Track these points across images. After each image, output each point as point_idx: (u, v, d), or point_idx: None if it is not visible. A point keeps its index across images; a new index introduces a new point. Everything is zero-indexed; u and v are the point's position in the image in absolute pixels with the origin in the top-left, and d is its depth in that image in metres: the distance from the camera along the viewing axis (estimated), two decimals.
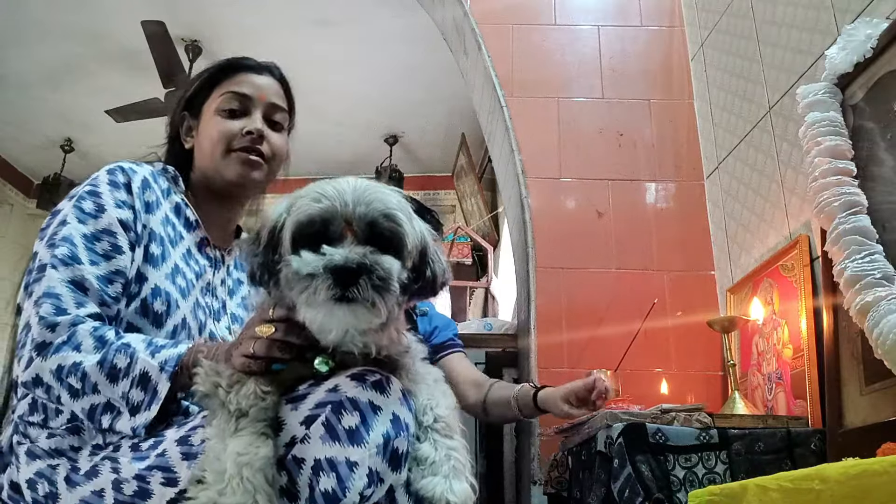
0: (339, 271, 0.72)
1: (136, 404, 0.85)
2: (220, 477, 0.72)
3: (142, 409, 0.85)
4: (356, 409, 0.77)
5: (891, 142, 1.33)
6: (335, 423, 0.76)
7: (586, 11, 2.47)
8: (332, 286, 0.72)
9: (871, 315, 1.19)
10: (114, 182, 1.01)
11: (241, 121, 1.13)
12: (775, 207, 1.80)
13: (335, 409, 0.77)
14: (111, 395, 0.86)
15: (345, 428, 0.76)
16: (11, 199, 5.60)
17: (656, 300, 2.00)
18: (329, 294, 0.73)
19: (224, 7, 3.79)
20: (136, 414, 0.85)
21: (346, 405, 0.77)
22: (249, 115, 1.14)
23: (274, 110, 1.16)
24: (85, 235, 0.95)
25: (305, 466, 0.75)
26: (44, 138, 5.11)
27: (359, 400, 0.78)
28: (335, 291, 0.73)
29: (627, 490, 1.30)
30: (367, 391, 0.79)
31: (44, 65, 4.28)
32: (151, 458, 0.83)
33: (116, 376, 0.86)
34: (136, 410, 0.85)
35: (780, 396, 1.64)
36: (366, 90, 4.45)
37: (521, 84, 2.36)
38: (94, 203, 0.98)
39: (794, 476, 0.88)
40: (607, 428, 1.43)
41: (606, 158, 2.28)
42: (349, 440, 0.76)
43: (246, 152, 1.12)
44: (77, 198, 0.99)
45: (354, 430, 0.76)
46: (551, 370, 2.02)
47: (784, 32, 1.80)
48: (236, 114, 1.14)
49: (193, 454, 0.81)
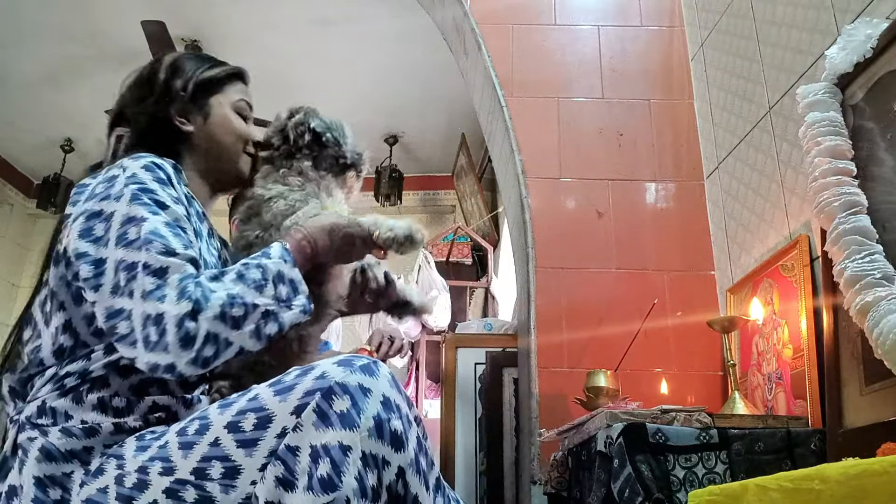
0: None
1: (287, 296, 0.93)
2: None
3: (294, 297, 0.94)
4: (346, 393, 0.78)
5: (891, 142, 1.33)
6: (326, 409, 0.77)
7: (586, 11, 2.47)
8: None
9: (871, 315, 1.19)
10: (159, 179, 0.98)
11: (246, 126, 1.19)
12: (775, 207, 1.80)
13: (325, 394, 0.78)
14: (264, 302, 0.90)
15: (336, 412, 0.77)
16: (11, 199, 5.60)
17: (656, 300, 2.00)
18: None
19: (224, 7, 3.79)
20: (292, 302, 0.93)
21: (335, 390, 0.78)
22: (247, 123, 1.20)
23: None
24: (168, 223, 0.93)
25: (302, 454, 0.76)
26: (44, 138, 5.11)
27: (348, 384, 0.79)
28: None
29: (627, 490, 1.30)
30: (355, 374, 0.80)
31: (44, 65, 4.28)
32: (154, 449, 0.84)
33: (262, 287, 0.91)
34: (289, 301, 0.93)
35: (780, 396, 1.64)
36: (365, 90, 4.45)
37: (521, 84, 2.36)
38: (153, 199, 0.95)
39: (794, 476, 0.88)
40: (607, 428, 1.43)
41: (606, 158, 2.28)
42: (342, 424, 0.76)
43: (250, 156, 1.19)
44: (131, 197, 0.93)
45: (346, 413, 0.77)
46: (551, 370, 2.03)
47: (784, 32, 1.80)
48: (242, 119, 1.19)
49: (189, 444, 0.81)
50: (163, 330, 0.84)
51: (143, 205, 0.93)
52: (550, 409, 1.97)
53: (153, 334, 0.85)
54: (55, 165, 5.20)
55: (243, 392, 0.85)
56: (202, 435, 0.82)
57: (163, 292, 0.86)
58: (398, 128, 4.99)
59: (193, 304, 0.86)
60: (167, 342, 0.84)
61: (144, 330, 0.85)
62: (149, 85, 1.15)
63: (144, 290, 0.87)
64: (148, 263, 0.88)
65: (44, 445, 0.88)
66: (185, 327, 0.85)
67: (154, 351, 0.85)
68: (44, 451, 0.88)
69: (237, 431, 0.80)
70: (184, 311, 0.85)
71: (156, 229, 0.90)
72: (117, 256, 0.90)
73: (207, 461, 0.80)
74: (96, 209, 0.94)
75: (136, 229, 0.90)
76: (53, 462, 0.87)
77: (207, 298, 0.87)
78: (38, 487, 0.86)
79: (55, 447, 0.88)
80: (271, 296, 0.92)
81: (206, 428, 0.82)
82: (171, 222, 0.93)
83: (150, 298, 0.86)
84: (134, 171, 0.97)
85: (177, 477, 0.80)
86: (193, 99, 1.15)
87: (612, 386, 1.80)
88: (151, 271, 0.87)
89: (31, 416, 0.92)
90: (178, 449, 0.82)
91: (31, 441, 0.90)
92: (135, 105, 1.14)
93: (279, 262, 0.95)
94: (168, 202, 0.95)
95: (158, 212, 0.93)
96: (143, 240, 0.89)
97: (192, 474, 0.80)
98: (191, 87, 1.15)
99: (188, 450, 0.81)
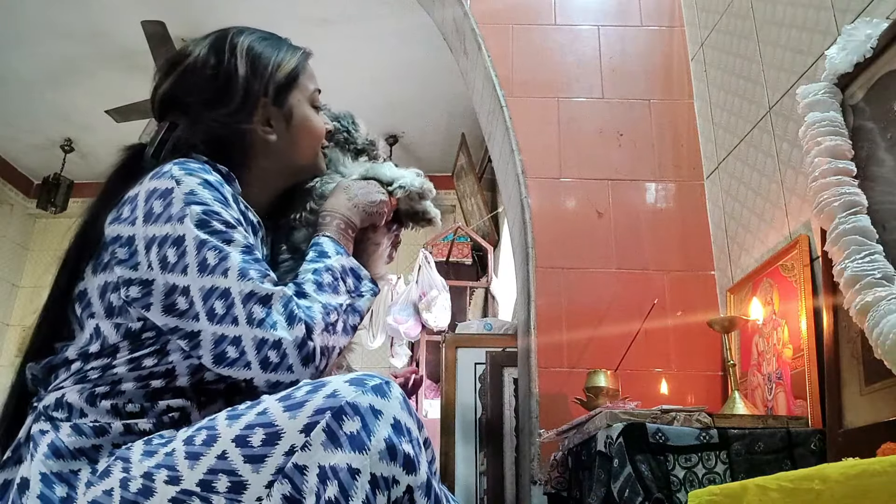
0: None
1: (355, 287, 1.00)
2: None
3: (361, 284, 1.01)
4: (357, 414, 0.77)
5: (891, 142, 1.33)
6: (336, 429, 0.76)
7: (586, 11, 2.47)
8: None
9: (871, 315, 1.19)
10: (219, 199, 0.94)
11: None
12: (775, 207, 1.80)
13: (336, 414, 0.77)
14: (344, 300, 0.97)
15: (346, 433, 0.76)
16: (11, 199, 5.60)
17: (656, 300, 2.00)
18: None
19: (224, 7, 3.79)
20: (360, 290, 1.01)
21: (346, 410, 0.77)
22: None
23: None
24: (244, 249, 0.92)
25: (310, 473, 0.75)
26: (44, 138, 5.11)
27: (359, 405, 0.78)
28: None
29: (627, 490, 1.30)
30: (367, 395, 0.79)
31: (44, 65, 4.29)
32: (160, 455, 0.83)
33: (337, 287, 0.97)
34: (357, 290, 1.00)
35: (780, 396, 1.64)
36: (365, 90, 4.45)
37: (521, 84, 2.36)
38: (221, 221, 0.92)
39: (794, 476, 0.88)
40: (607, 428, 1.43)
41: (606, 158, 2.28)
42: (351, 446, 0.75)
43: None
44: (198, 221, 0.91)
45: (356, 436, 0.76)
46: (551, 370, 2.03)
47: (784, 32, 1.80)
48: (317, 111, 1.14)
49: (196, 454, 0.81)
50: (283, 354, 0.88)
51: (213, 233, 0.91)
52: (550, 409, 1.97)
53: (273, 357, 0.88)
54: (55, 165, 5.21)
55: (252, 404, 0.83)
56: (209, 446, 0.81)
57: (272, 319, 0.89)
58: (398, 128, 4.99)
59: (305, 326, 0.90)
60: (290, 363, 0.88)
61: (260, 353, 0.88)
62: (226, 85, 1.03)
63: (252, 318, 0.88)
64: (252, 292, 0.89)
65: (52, 441, 0.88)
66: (305, 348, 0.89)
67: (277, 371, 0.88)
68: (52, 448, 0.88)
69: (245, 446, 0.79)
70: (300, 335, 0.89)
71: (242, 258, 0.91)
72: (205, 284, 0.89)
73: (214, 474, 0.79)
74: (159, 234, 0.91)
75: (216, 254, 0.90)
76: (61, 459, 0.87)
77: (312, 318, 0.91)
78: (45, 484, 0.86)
79: (64, 444, 0.88)
80: (346, 291, 0.98)
81: (213, 439, 0.81)
82: (246, 246, 0.93)
83: (263, 326, 0.88)
84: (192, 188, 0.92)
85: (183, 487, 0.79)
86: (276, 101, 1.07)
87: (612, 386, 1.80)
88: (258, 300, 0.89)
89: (48, 405, 0.92)
90: (184, 458, 0.81)
91: (42, 434, 0.89)
92: (204, 107, 1.03)
93: (339, 257, 1.01)
94: (234, 223, 0.94)
95: (233, 237, 0.92)
96: (234, 269, 0.90)
97: (198, 486, 0.79)
98: (272, 89, 1.06)
99: (195, 460, 0.80)
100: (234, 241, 0.92)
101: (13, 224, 5.61)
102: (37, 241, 5.75)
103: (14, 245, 5.60)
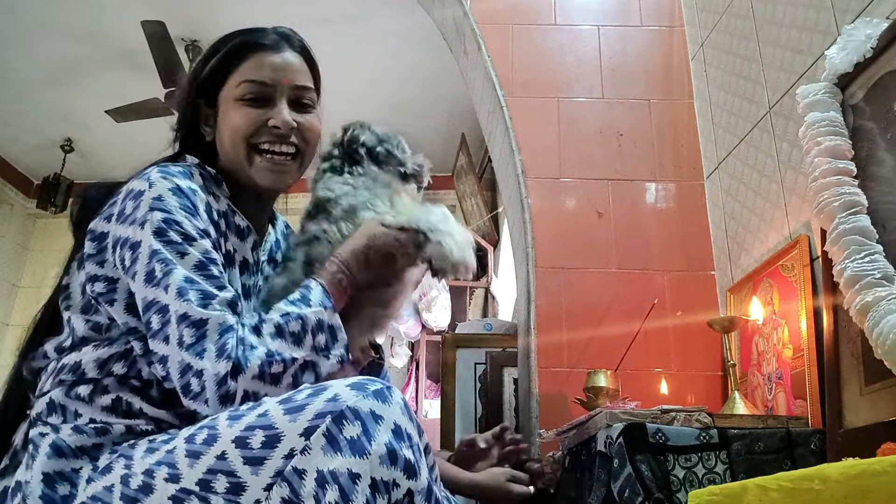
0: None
1: (325, 345, 0.92)
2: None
3: (333, 346, 0.93)
4: (357, 419, 0.77)
5: (891, 142, 1.33)
6: (336, 434, 0.76)
7: (586, 11, 2.47)
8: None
9: (871, 315, 1.19)
10: (186, 207, 0.93)
11: (264, 110, 1.04)
12: (775, 207, 1.80)
13: (336, 419, 0.76)
14: (302, 355, 0.90)
15: (346, 438, 0.76)
16: (11, 199, 5.60)
17: (656, 300, 2.00)
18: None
19: (224, 7, 3.79)
20: (330, 352, 0.93)
21: (347, 415, 0.77)
22: (273, 103, 1.04)
23: (300, 92, 1.07)
24: (196, 265, 0.90)
25: (308, 478, 0.74)
26: (44, 138, 5.11)
27: (360, 409, 0.77)
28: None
29: (627, 490, 1.30)
30: (368, 400, 0.78)
31: (44, 65, 4.28)
32: (161, 453, 0.83)
33: (300, 340, 0.90)
34: (327, 350, 0.92)
35: (780, 396, 1.64)
36: (366, 90, 4.45)
37: (521, 84, 2.36)
38: (180, 232, 0.91)
39: (794, 476, 0.88)
40: (607, 428, 1.43)
41: (606, 158, 2.28)
42: (351, 451, 0.75)
43: (273, 154, 1.04)
44: (156, 230, 0.90)
45: (356, 441, 0.75)
46: (551, 370, 2.03)
47: (784, 32, 1.80)
48: (258, 102, 1.04)
49: (196, 453, 0.81)
50: (203, 385, 0.85)
51: (168, 243, 0.89)
52: (550, 409, 1.97)
53: (194, 385, 0.86)
54: (55, 165, 5.20)
55: (253, 405, 0.83)
56: (209, 446, 0.81)
57: (202, 346, 0.86)
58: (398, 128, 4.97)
59: (233, 364, 0.85)
60: (207, 397, 0.85)
61: (183, 378, 0.86)
62: (190, 77, 1.07)
63: (182, 341, 0.86)
64: (186, 314, 0.87)
65: (55, 441, 0.89)
66: (225, 387, 0.85)
67: (195, 401, 0.86)
68: (54, 448, 0.88)
69: (244, 447, 0.79)
70: (223, 371, 0.85)
71: (187, 275, 0.88)
72: (147, 296, 0.89)
73: (213, 474, 0.79)
74: (122, 235, 0.92)
75: (162, 267, 0.88)
76: (63, 458, 0.88)
77: (248, 359, 0.86)
78: (47, 484, 0.86)
79: (66, 444, 0.88)
80: (310, 346, 0.91)
81: (213, 439, 0.81)
82: (200, 262, 0.90)
83: (190, 351, 0.86)
84: (160, 193, 0.92)
85: (182, 486, 0.79)
86: (208, 101, 1.07)
87: (612, 386, 1.80)
88: (190, 323, 0.86)
89: (41, 413, 0.93)
90: (185, 457, 0.81)
91: (42, 437, 0.90)
92: (180, 112, 1.07)
93: (319, 310, 0.93)
94: (195, 234, 0.92)
95: (188, 250, 0.90)
96: (174, 286, 0.87)
97: (197, 485, 0.79)
98: (194, 89, 1.07)
99: (195, 459, 0.80)
100: (188, 255, 0.89)
101: (13, 224, 5.61)
102: (37, 241, 5.75)
103: (14, 245, 5.60)
